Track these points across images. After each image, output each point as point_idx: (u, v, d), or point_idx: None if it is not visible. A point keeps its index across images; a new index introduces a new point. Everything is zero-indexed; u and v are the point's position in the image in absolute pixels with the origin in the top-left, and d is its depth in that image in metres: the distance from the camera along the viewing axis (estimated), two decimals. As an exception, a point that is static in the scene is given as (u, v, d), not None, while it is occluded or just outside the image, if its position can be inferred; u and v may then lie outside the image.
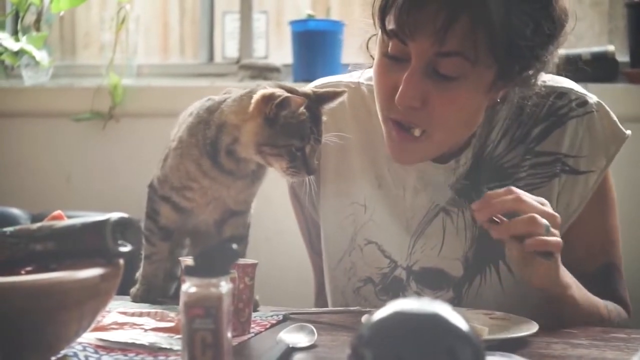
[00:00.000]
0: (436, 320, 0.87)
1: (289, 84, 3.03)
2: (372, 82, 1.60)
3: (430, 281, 1.57)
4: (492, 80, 1.43)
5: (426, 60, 1.39)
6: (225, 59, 3.35)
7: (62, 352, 1.12)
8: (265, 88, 1.41)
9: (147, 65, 3.30)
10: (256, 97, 1.39)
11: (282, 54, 3.24)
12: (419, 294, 1.57)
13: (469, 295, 1.54)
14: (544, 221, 1.34)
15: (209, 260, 1.04)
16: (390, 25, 1.40)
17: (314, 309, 1.52)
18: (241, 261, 1.32)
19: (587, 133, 1.55)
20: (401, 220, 1.60)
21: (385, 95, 1.46)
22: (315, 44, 3.00)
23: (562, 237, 1.38)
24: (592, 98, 1.58)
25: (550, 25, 1.42)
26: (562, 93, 1.57)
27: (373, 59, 1.52)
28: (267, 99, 1.38)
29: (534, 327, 1.32)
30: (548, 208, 1.37)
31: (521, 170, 1.56)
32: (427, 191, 1.58)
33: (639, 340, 1.34)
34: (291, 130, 1.39)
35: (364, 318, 1.29)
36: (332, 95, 1.47)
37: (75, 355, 1.15)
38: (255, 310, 1.39)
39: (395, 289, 1.59)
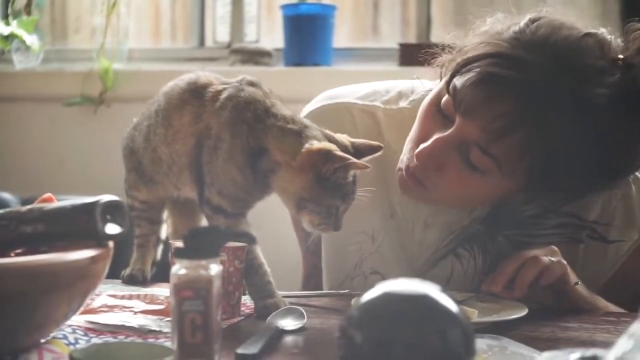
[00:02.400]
0: (426, 302, 0.87)
1: (279, 67, 3.05)
2: (392, 107, 1.59)
3: None
4: (513, 190, 1.40)
5: (463, 140, 1.35)
6: (216, 44, 3.35)
7: (52, 334, 1.12)
8: (314, 137, 1.33)
9: (138, 50, 3.29)
10: (310, 150, 1.30)
11: (274, 38, 3.24)
12: None
13: None
14: (545, 258, 1.37)
15: (199, 242, 1.04)
16: (456, 86, 1.35)
17: (304, 292, 1.52)
18: (231, 244, 1.32)
19: (622, 203, 1.52)
20: (408, 254, 1.57)
21: (416, 137, 1.42)
22: (306, 28, 3.00)
23: (609, 280, 1.47)
24: None
25: (602, 191, 1.42)
26: None
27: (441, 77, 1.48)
28: (324, 157, 1.30)
29: (523, 310, 1.32)
30: (541, 250, 1.40)
31: (542, 227, 1.53)
32: (437, 228, 1.56)
33: (628, 323, 1.34)
34: (337, 190, 1.32)
35: (353, 300, 1.29)
36: (369, 150, 1.39)
37: (65, 337, 1.15)
38: (245, 293, 1.38)
39: None
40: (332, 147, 1.31)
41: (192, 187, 1.41)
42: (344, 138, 1.38)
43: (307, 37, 3.00)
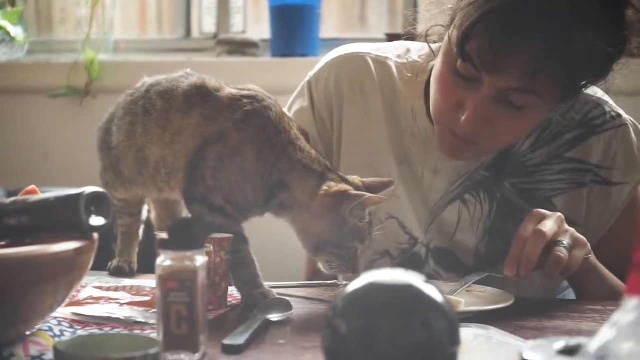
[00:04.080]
0: (410, 292, 0.87)
1: (266, 58, 3.04)
2: (404, 61, 1.63)
3: (444, 262, 1.58)
4: (554, 105, 1.45)
5: (499, 91, 1.37)
6: (203, 34, 3.34)
7: (37, 326, 1.12)
8: (332, 180, 1.34)
9: (123, 41, 3.27)
10: (327, 192, 1.32)
11: (260, 29, 3.23)
12: (435, 272, 1.58)
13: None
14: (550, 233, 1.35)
15: (184, 234, 1.04)
16: (471, 52, 1.36)
17: (290, 283, 1.52)
18: (217, 235, 1.31)
19: (622, 146, 1.56)
20: (420, 198, 1.60)
21: (447, 109, 1.44)
22: (293, 18, 2.99)
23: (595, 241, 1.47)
24: (624, 113, 1.59)
25: (618, 58, 1.41)
26: (598, 103, 1.57)
27: (430, 47, 1.55)
28: (341, 197, 1.31)
29: (510, 300, 1.33)
30: (557, 222, 1.38)
31: (547, 173, 1.57)
32: (446, 174, 1.59)
33: (614, 312, 1.34)
34: (356, 232, 1.34)
35: (339, 290, 1.29)
36: (380, 187, 1.39)
37: (50, 329, 1.14)
38: (231, 284, 1.38)
39: (413, 265, 1.58)
40: (347, 188, 1.33)
41: (181, 189, 1.39)
42: (355, 179, 1.39)
43: (293, 28, 2.99)
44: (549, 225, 1.35)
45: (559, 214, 1.39)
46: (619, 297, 1.43)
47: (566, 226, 1.39)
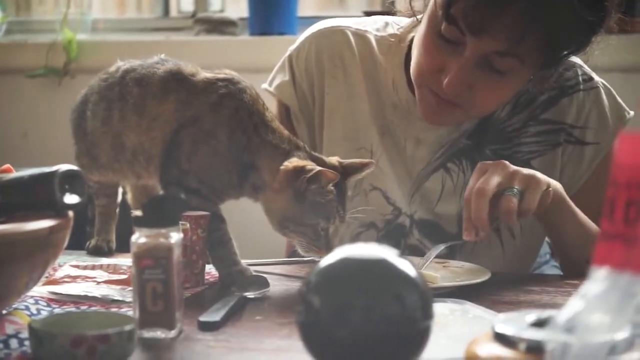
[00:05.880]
0: (383, 266, 0.87)
1: (244, 37, 3.02)
2: (383, 34, 1.64)
3: (429, 232, 1.59)
4: (535, 71, 1.46)
5: (482, 55, 1.39)
6: (181, 13, 3.32)
7: (13, 305, 1.12)
8: (298, 155, 1.34)
9: (102, 20, 3.26)
10: (286, 168, 1.31)
11: (239, 7, 3.22)
12: (420, 242, 1.59)
13: (462, 253, 1.55)
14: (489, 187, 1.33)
15: (158, 211, 1.04)
16: (457, 14, 1.37)
17: (268, 260, 1.52)
18: (193, 213, 1.31)
19: (594, 106, 1.58)
20: (403, 169, 1.61)
21: (430, 72, 1.45)
22: (271, -4, 2.99)
23: None
24: (596, 76, 1.61)
25: (599, 29, 1.42)
26: (571, 65, 1.59)
27: (414, 14, 1.55)
28: (298, 172, 1.31)
29: (486, 275, 1.33)
30: (499, 171, 1.36)
31: (524, 136, 1.58)
32: (428, 144, 1.60)
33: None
34: (318, 208, 1.32)
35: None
36: (359, 168, 1.40)
37: (27, 308, 1.14)
38: (209, 262, 1.38)
39: (398, 236, 1.59)
40: (307, 163, 1.32)
41: (158, 175, 1.40)
42: (333, 159, 1.39)
43: (272, 6, 2.98)
44: (489, 179, 1.33)
45: (501, 161, 1.37)
46: (593, 234, 1.45)
47: (512, 169, 1.35)
